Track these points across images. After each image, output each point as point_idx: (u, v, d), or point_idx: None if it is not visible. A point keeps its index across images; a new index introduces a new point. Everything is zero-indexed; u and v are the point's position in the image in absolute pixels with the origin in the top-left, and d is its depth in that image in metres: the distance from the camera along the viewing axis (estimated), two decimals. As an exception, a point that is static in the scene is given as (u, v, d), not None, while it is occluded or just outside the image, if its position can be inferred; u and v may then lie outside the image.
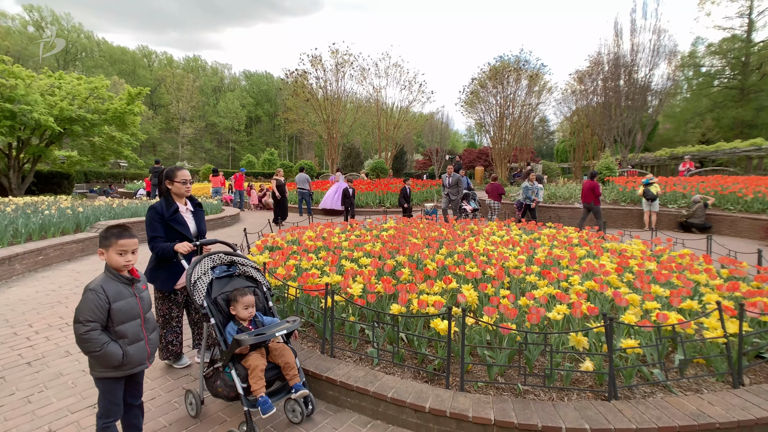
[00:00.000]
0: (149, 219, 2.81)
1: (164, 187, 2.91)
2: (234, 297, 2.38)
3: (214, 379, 2.32)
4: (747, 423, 2.17)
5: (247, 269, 2.65)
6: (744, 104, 32.27)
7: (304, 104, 24.70)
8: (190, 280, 2.35)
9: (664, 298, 3.33)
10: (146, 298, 2.05)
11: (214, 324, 2.31)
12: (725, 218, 9.85)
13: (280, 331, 2.22)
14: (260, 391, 2.18)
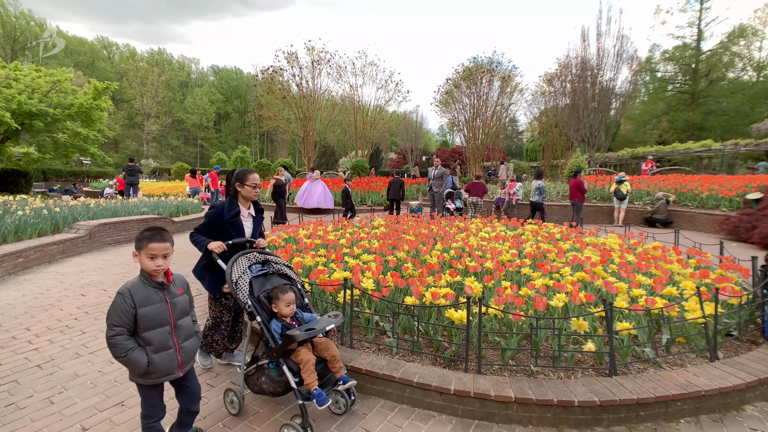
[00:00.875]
0: (209, 215, 2.83)
1: (232, 188, 2.88)
2: (275, 294, 2.43)
3: (257, 377, 2.36)
4: (726, 390, 2.52)
5: (281, 267, 2.70)
6: (694, 108, 34.71)
7: (280, 101, 24.36)
8: (231, 279, 2.39)
9: (648, 285, 3.68)
10: (180, 303, 1.95)
11: (261, 322, 2.34)
12: (685, 214, 10.69)
13: (329, 326, 2.28)
14: (314, 384, 2.21)
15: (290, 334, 2.16)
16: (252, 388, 2.44)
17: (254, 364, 2.41)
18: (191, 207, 11.21)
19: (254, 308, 2.37)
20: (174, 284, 1.96)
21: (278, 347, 2.24)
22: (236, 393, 2.47)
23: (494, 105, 24.98)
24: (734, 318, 3.37)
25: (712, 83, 35.77)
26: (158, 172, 34.98)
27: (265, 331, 2.32)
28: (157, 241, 1.86)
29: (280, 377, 2.27)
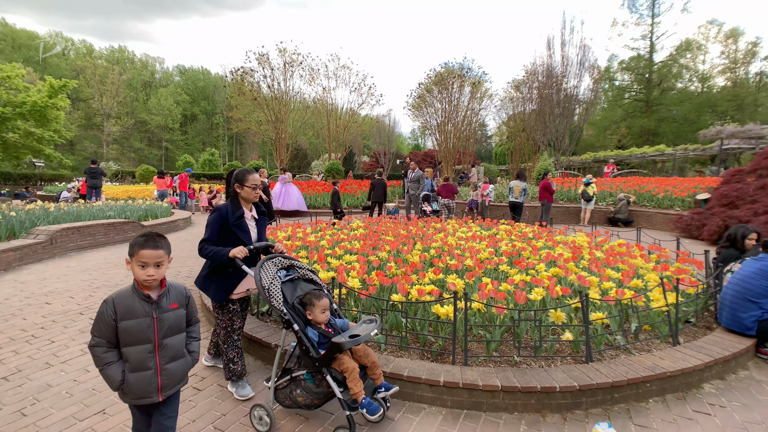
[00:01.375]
0: (212, 220, 2.60)
1: (232, 190, 2.71)
2: (309, 301, 2.29)
3: (291, 389, 2.24)
4: (687, 370, 2.75)
5: (306, 272, 2.54)
6: (649, 115, 37.05)
7: (251, 103, 23.86)
8: (262, 286, 2.22)
9: (617, 279, 3.93)
10: (170, 320, 1.74)
11: (299, 330, 2.18)
12: (643, 213, 11.40)
13: (372, 331, 2.17)
14: (362, 393, 2.11)
15: (337, 341, 2.02)
16: (282, 402, 2.30)
17: (287, 376, 2.27)
18: (161, 210, 10.78)
19: (291, 316, 2.20)
20: (167, 297, 1.75)
21: (322, 356, 2.09)
22: (266, 409, 2.29)
23: (465, 110, 25.58)
24: (692, 306, 3.66)
25: (663, 92, 38.35)
26: (121, 175, 33.33)
27: (305, 340, 2.17)
28: (149, 248, 1.68)
29: (319, 388, 2.15)
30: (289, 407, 2.32)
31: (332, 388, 2.10)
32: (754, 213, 7.66)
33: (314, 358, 2.12)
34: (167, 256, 1.76)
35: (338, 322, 2.42)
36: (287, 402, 2.28)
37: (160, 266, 1.71)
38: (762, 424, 2.40)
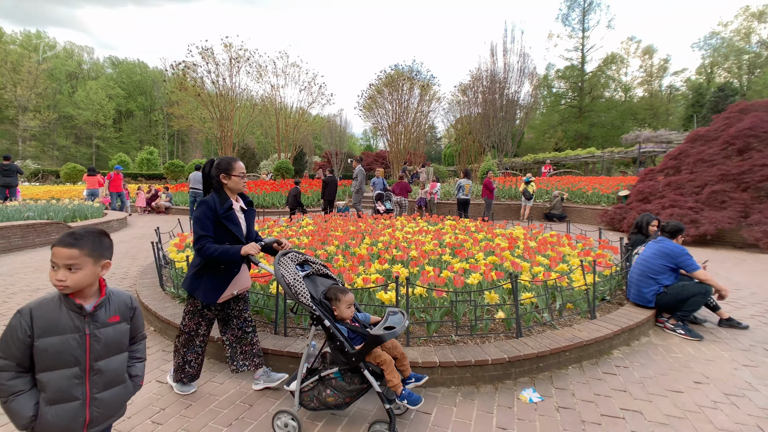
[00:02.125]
0: (200, 215, 2.37)
1: (216, 181, 2.48)
2: (335, 296, 2.22)
3: (319, 390, 2.14)
4: (600, 338, 3.11)
5: (320, 267, 2.44)
6: (581, 120, 40.30)
7: (194, 99, 22.69)
8: (285, 282, 2.09)
9: (546, 264, 4.31)
10: (108, 337, 1.41)
11: (331, 326, 2.08)
12: (575, 209, 12.43)
13: (405, 322, 2.11)
14: (400, 384, 2.07)
15: (377, 334, 1.96)
16: (308, 405, 2.18)
17: (314, 376, 2.18)
18: (91, 211, 9.93)
19: (320, 312, 2.10)
20: (106, 308, 1.42)
21: (359, 351, 2.02)
22: (293, 414, 2.14)
23: (415, 112, 26.24)
24: (607, 285, 4.12)
25: (593, 100, 41.91)
26: (42, 174, 30.07)
27: (338, 336, 2.08)
28: (61, 245, 1.33)
29: (352, 385, 2.09)
30: (316, 409, 2.19)
31: (370, 382, 2.04)
32: (662, 206, 8.68)
33: (350, 353, 2.04)
34: (91, 258, 1.36)
35: (359, 315, 2.35)
36: (313, 404, 2.17)
37: (73, 269, 1.32)
38: (654, 378, 2.80)
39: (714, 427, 2.25)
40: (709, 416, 2.35)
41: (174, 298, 3.97)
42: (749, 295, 4.72)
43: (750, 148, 8.65)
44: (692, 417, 2.35)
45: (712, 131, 9.79)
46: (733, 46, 41.37)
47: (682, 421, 2.30)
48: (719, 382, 2.75)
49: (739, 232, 7.66)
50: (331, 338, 2.10)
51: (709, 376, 2.83)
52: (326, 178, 11.77)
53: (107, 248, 1.44)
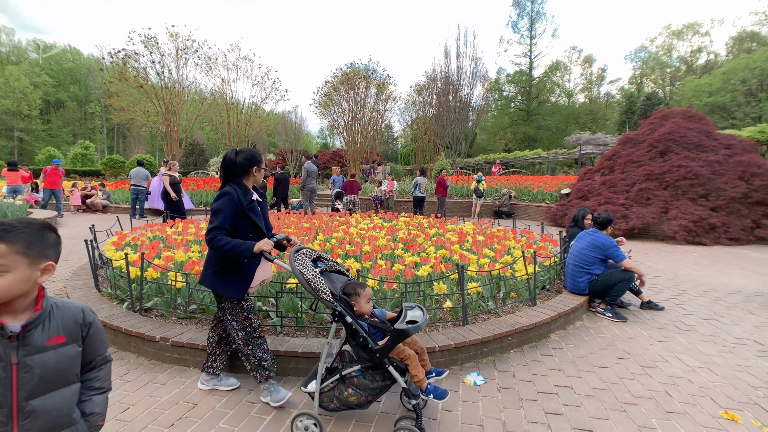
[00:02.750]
0: (222, 206, 2.23)
1: (245, 171, 2.38)
2: (353, 291, 2.15)
3: (339, 390, 2.08)
4: (539, 323, 3.34)
5: (332, 263, 2.37)
6: (529, 123, 42.55)
7: (136, 90, 21.17)
8: (305, 279, 2.01)
9: (491, 256, 4.54)
10: (46, 366, 1.08)
11: (353, 322, 2.02)
12: (522, 206, 13.13)
13: (426, 316, 2.08)
14: (425, 379, 2.04)
15: (401, 329, 1.92)
16: (327, 406, 2.11)
17: (333, 375, 2.10)
18: (12, 209, 8.98)
19: (342, 308, 2.04)
20: (43, 327, 1.10)
21: (384, 347, 1.97)
22: (314, 417, 2.06)
23: (371, 110, 26.34)
24: (547, 275, 4.42)
25: (540, 104, 44.39)
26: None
27: (361, 332, 2.02)
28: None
29: (375, 383, 2.03)
30: (335, 410, 2.12)
31: (395, 378, 2.00)
32: (598, 203, 9.42)
33: (375, 349, 1.98)
34: (25, 258, 1.05)
35: (375, 311, 2.30)
36: (334, 404, 2.10)
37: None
38: (584, 356, 3.07)
39: (631, 395, 2.51)
40: (628, 386, 2.62)
41: (112, 299, 3.72)
42: (666, 281, 5.28)
43: (670, 151, 9.63)
44: (614, 388, 2.60)
45: (639, 135, 10.77)
46: (658, 59, 45.73)
47: (605, 392, 2.55)
48: (638, 357, 3.06)
49: (660, 226, 8.51)
50: (353, 335, 2.03)
51: (630, 352, 3.15)
52: (278, 175, 11.51)
53: (50, 246, 1.12)
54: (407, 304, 2.19)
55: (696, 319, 3.90)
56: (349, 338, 2.06)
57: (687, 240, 8.01)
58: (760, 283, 5.16)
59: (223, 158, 2.40)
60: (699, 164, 8.94)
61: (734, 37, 40.93)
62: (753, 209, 8.34)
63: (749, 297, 4.60)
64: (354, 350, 2.06)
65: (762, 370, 2.87)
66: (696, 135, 9.65)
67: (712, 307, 4.26)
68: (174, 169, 9.31)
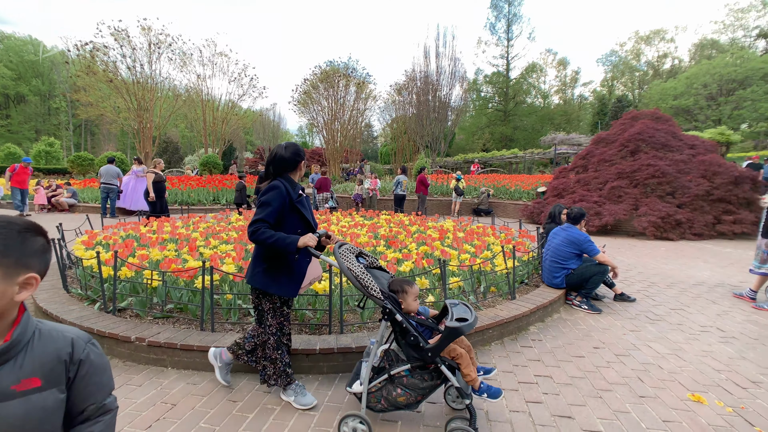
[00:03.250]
0: (270, 199, 2.16)
1: (293, 166, 2.31)
2: (401, 288, 2.09)
3: (387, 390, 2.02)
4: (519, 316, 3.41)
5: (373, 260, 2.29)
6: (506, 123, 43.37)
7: (106, 85, 20.31)
8: (354, 276, 1.95)
9: (472, 252, 4.61)
10: (10, 419, 0.80)
11: (404, 320, 1.95)
12: (500, 204, 13.38)
13: (474, 314, 2.00)
14: (478, 378, 2.01)
15: (455, 326, 1.85)
16: (374, 407, 2.05)
17: (382, 375, 2.03)
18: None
19: (391, 305, 1.97)
20: (14, 364, 0.83)
21: (437, 346, 1.91)
22: (362, 418, 1.98)
23: (351, 109, 26.23)
24: (525, 269, 4.53)
25: (517, 105, 45.30)
26: None
27: (411, 330, 1.95)
28: None
29: (426, 382, 1.98)
30: (383, 411, 2.06)
31: (447, 377, 1.95)
32: (573, 201, 9.71)
33: (426, 348, 1.92)
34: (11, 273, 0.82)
35: (420, 308, 2.25)
36: (381, 405, 2.04)
37: None
38: (562, 347, 3.16)
39: (606, 382, 2.61)
40: (603, 374, 2.72)
41: (82, 299, 3.57)
42: (637, 274, 5.50)
43: (639, 150, 10.03)
44: (590, 376, 2.70)
45: (611, 135, 11.17)
46: (627, 64, 47.51)
47: (582, 380, 2.63)
48: (612, 346, 3.18)
49: (631, 222, 8.86)
50: (403, 333, 1.97)
51: (605, 342, 3.27)
52: (261, 174, 11.33)
53: (34, 254, 0.86)
54: (450, 301, 2.13)
55: (665, 309, 4.08)
56: (398, 337, 2.00)
57: (655, 235, 8.37)
58: (722, 275, 5.45)
59: (272, 153, 2.33)
60: (666, 163, 9.36)
61: (696, 44, 43.03)
62: (714, 206, 8.79)
63: (712, 288, 4.85)
64: (403, 349, 2.00)
65: (724, 354, 3.04)
66: (663, 135, 10.09)
67: (679, 298, 4.47)
68: (159, 167, 9.02)
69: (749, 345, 3.22)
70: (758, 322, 3.75)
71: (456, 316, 1.96)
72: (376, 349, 2.08)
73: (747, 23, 40.29)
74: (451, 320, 1.92)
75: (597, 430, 2.12)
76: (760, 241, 4.17)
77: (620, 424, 2.17)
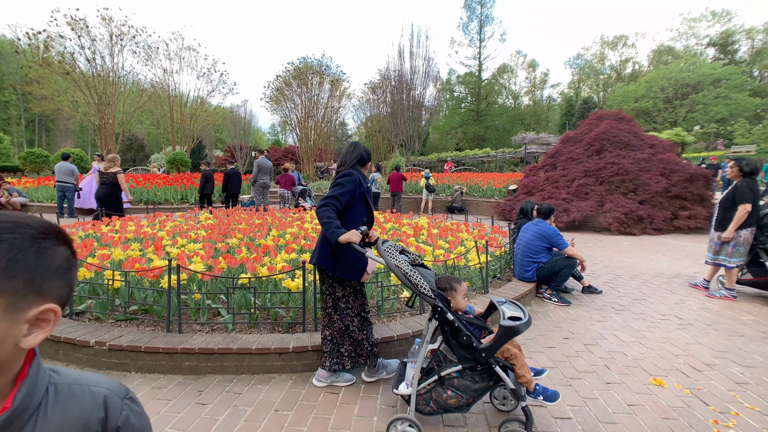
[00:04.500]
0: (345, 182, 2.31)
1: (366, 162, 2.52)
2: (449, 285, 2.05)
3: (437, 392, 1.94)
4: (492, 310, 3.46)
5: (415, 257, 2.24)
6: (479, 123, 44.21)
7: (62, 78, 19.15)
8: (403, 272, 1.89)
9: (446, 247, 4.66)
10: None
11: (456, 319, 1.90)
12: (473, 202, 13.63)
13: (525, 311, 1.97)
14: (533, 380, 1.96)
15: (511, 326, 1.80)
16: (423, 409, 1.97)
17: (431, 377, 1.95)
18: None
19: (443, 304, 1.91)
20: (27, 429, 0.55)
21: (490, 346, 1.85)
22: (412, 421, 1.90)
23: (325, 107, 25.96)
24: (498, 264, 4.62)
25: (489, 105, 46.25)
26: None
27: (463, 330, 1.89)
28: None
29: (478, 384, 1.91)
30: (431, 414, 1.98)
31: (501, 378, 1.89)
32: (543, 198, 10.01)
33: (480, 348, 1.86)
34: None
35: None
36: (430, 407, 1.96)
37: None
38: (534, 338, 3.25)
39: (576, 371, 2.69)
40: (573, 363, 2.81)
41: (34, 303, 3.33)
42: (603, 267, 5.74)
43: (604, 149, 10.46)
44: (561, 365, 2.77)
45: (578, 134, 11.59)
46: (592, 67, 49.54)
47: (553, 370, 2.71)
48: (581, 336, 3.29)
49: (597, 218, 9.22)
50: (455, 333, 1.91)
51: (574, 332, 3.37)
52: (227, 171, 11.00)
53: (56, 273, 0.57)
54: (496, 299, 2.09)
55: (628, 299, 4.27)
56: (449, 336, 1.95)
57: (619, 230, 8.75)
58: (679, 267, 5.77)
59: (356, 148, 2.51)
60: (629, 162, 9.80)
61: (654, 50, 45.45)
62: (672, 202, 9.30)
63: (670, 279, 5.12)
64: (454, 350, 1.94)
65: (682, 340, 3.20)
66: (626, 135, 10.57)
67: (641, 288, 4.69)
68: (117, 164, 8.23)
69: (703, 331, 3.41)
70: (711, 309, 3.99)
71: (508, 315, 1.90)
72: (423, 350, 1.99)
73: (698, 32, 42.96)
74: (504, 319, 1.87)
75: (567, 416, 2.18)
76: (713, 234, 4.43)
77: (589, 410, 2.24)
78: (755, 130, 27.50)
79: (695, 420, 2.15)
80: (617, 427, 2.09)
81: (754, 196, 4.12)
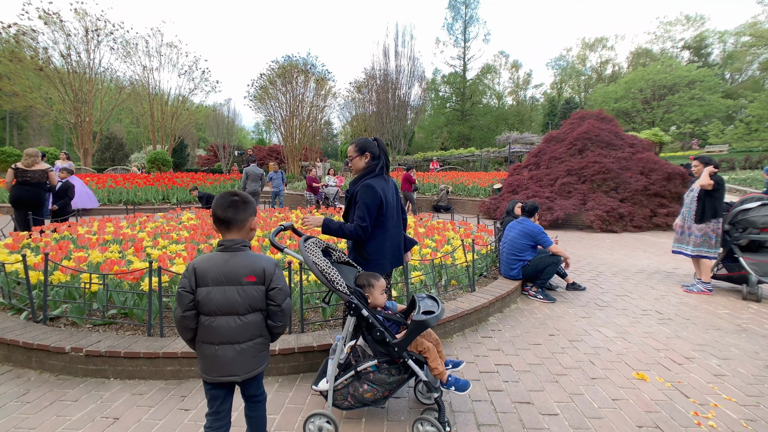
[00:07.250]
0: (366, 194, 2.35)
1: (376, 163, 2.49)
2: (367, 282, 2.05)
3: (354, 387, 1.95)
4: (479, 308, 3.49)
5: (340, 255, 2.23)
6: (464, 123, 44.56)
7: (34, 74, 18.46)
8: (319, 270, 1.88)
9: (432, 246, 4.66)
10: None
11: (369, 315, 1.91)
12: (458, 201, 13.71)
13: (441, 306, 2.01)
14: (446, 371, 2.00)
15: (421, 320, 1.85)
16: (341, 404, 1.99)
17: (348, 372, 1.96)
18: None
19: (357, 300, 1.92)
20: None
21: (403, 340, 1.88)
22: (329, 417, 1.91)
23: (310, 106, 25.74)
24: (484, 262, 4.64)
25: (473, 105, 46.67)
26: None
27: (377, 325, 1.91)
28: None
29: (393, 377, 1.94)
30: (350, 408, 2.01)
31: (414, 372, 1.92)
32: (527, 196, 10.14)
33: (393, 343, 1.90)
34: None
35: (387, 303, 2.22)
36: (348, 402, 1.99)
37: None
38: (520, 336, 3.27)
39: (562, 367, 2.72)
40: (559, 359, 2.84)
41: (5, 309, 3.19)
42: (586, 264, 5.84)
43: (586, 149, 10.67)
44: (547, 362, 2.80)
45: (561, 134, 11.79)
46: (574, 68, 50.49)
47: (540, 367, 2.73)
48: (566, 333, 3.34)
49: (580, 216, 9.40)
50: (369, 329, 1.94)
51: (559, 329, 3.42)
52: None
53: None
54: (418, 295, 2.14)
55: (611, 296, 4.36)
56: (365, 332, 1.98)
57: (601, 228, 8.94)
58: (658, 263, 5.92)
59: (379, 144, 2.53)
60: (610, 161, 10.02)
61: (633, 52, 46.59)
62: (651, 200, 9.55)
63: (650, 275, 5.25)
64: (370, 345, 1.99)
65: (663, 335, 3.28)
66: (607, 135, 10.80)
67: (623, 285, 4.79)
68: (39, 160, 6.88)
69: (682, 325, 3.50)
70: (689, 303, 4.10)
71: (423, 310, 1.97)
72: (342, 346, 2.03)
73: (674, 35, 44.29)
74: (417, 313, 1.93)
75: (554, 413, 2.20)
76: (693, 228, 4.54)
77: (575, 406, 2.26)
78: (728, 130, 28.49)
79: (676, 412, 2.20)
80: (603, 421, 2.12)
81: (717, 183, 4.38)
